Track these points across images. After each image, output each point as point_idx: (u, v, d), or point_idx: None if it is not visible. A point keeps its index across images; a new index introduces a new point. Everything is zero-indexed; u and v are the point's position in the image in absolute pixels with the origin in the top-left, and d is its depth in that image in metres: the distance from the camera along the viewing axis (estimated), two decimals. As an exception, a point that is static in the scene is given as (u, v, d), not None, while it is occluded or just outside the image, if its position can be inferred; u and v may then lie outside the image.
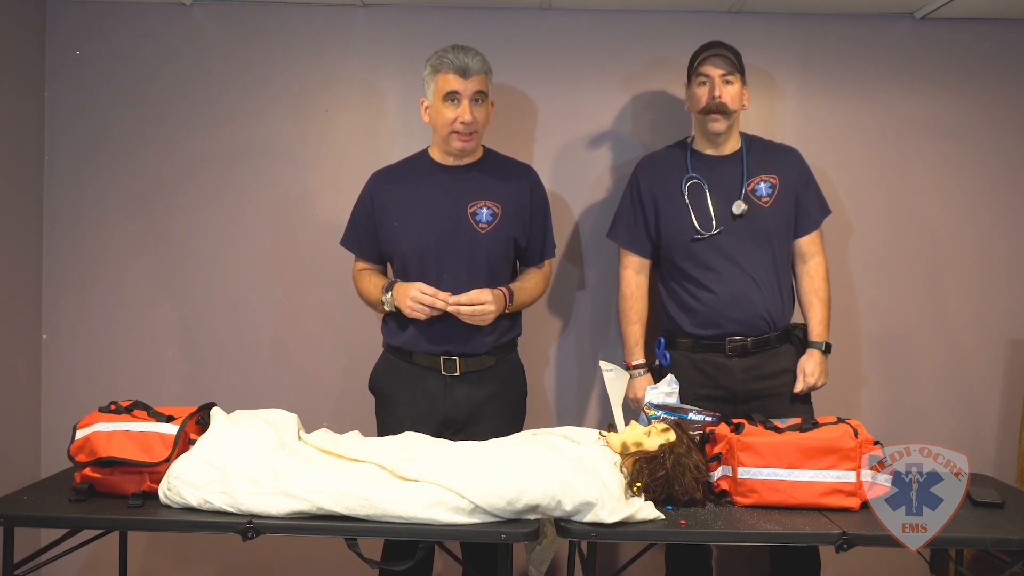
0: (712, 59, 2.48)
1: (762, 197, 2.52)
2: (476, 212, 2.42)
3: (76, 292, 2.97)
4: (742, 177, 2.53)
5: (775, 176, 2.54)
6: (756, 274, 2.49)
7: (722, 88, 2.47)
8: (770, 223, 2.51)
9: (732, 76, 2.48)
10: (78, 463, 2.01)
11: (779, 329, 2.53)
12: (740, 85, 2.51)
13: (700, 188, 2.54)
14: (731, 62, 2.48)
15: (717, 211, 2.52)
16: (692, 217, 2.52)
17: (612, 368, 2.41)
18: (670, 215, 2.55)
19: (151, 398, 2.23)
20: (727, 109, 2.48)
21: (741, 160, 2.55)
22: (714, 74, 2.48)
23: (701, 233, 2.51)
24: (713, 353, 2.51)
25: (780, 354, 2.54)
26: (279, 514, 1.87)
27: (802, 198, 2.57)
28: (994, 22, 2.94)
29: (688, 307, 2.54)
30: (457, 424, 2.42)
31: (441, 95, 2.36)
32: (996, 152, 2.98)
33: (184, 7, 2.93)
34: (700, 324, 2.52)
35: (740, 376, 2.50)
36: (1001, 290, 3.00)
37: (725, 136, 2.54)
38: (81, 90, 2.94)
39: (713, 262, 2.50)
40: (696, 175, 2.55)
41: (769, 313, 2.50)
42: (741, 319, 2.49)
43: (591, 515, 1.86)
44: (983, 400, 3.01)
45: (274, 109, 2.96)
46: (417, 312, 2.34)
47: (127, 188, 2.96)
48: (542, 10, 2.96)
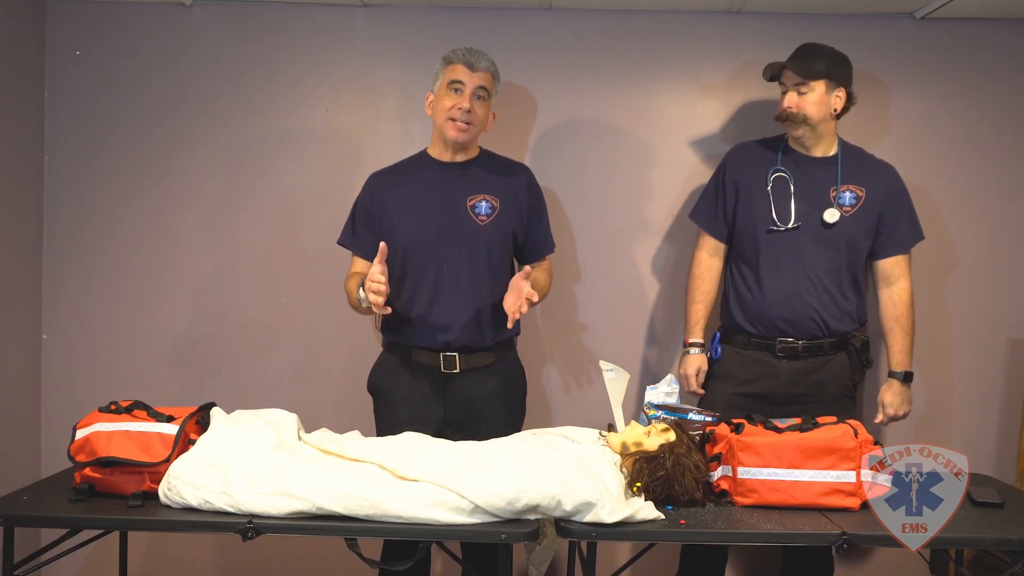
0: (789, 66, 2.49)
1: (844, 206, 2.52)
2: (476, 205, 2.44)
3: (76, 292, 2.98)
4: (835, 181, 2.53)
5: (863, 188, 2.53)
6: (816, 277, 2.49)
7: (795, 98, 2.49)
8: (846, 232, 2.50)
9: (807, 85, 2.47)
10: (78, 463, 2.01)
11: (835, 336, 2.51)
12: (823, 91, 2.48)
13: (786, 183, 2.54)
14: (807, 69, 2.46)
15: (798, 209, 2.52)
16: (771, 208, 2.53)
17: (612, 368, 2.41)
18: (750, 203, 2.56)
19: (151, 398, 2.23)
20: (796, 119, 2.49)
21: (836, 165, 2.55)
22: (788, 83, 2.51)
23: (777, 226, 2.51)
24: (763, 352, 2.51)
25: (832, 363, 2.52)
26: (279, 514, 1.87)
27: (890, 217, 2.55)
28: (994, 22, 2.94)
29: (743, 299, 2.56)
30: (456, 423, 2.43)
31: (446, 83, 2.42)
32: (996, 152, 2.98)
33: (184, 7, 2.93)
34: (750, 318, 2.53)
35: (785, 379, 2.50)
36: (1001, 290, 3.00)
37: (811, 140, 2.54)
38: (81, 90, 2.95)
39: (777, 258, 2.51)
40: (784, 169, 2.55)
41: (821, 317, 2.48)
42: (790, 319, 2.49)
43: (591, 515, 1.86)
44: (983, 400, 3.01)
45: (274, 109, 2.96)
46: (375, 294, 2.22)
47: (127, 187, 2.96)
48: (542, 10, 2.96)
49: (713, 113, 2.97)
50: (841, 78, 2.51)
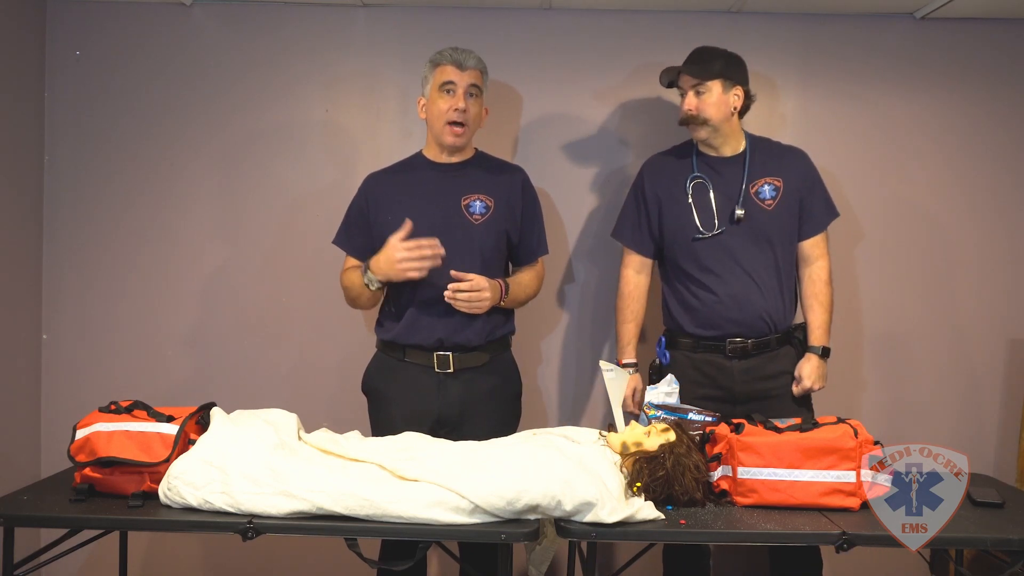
0: (684, 70, 2.50)
1: (765, 200, 2.52)
2: (470, 204, 2.44)
3: (76, 292, 2.97)
4: (744, 179, 2.53)
5: (779, 179, 2.54)
6: (757, 276, 2.49)
7: (693, 100, 2.48)
8: (772, 226, 2.51)
9: (704, 86, 2.47)
10: (78, 463, 2.01)
11: (780, 331, 2.53)
12: (719, 91, 2.48)
13: (704, 188, 2.54)
14: (702, 70, 2.47)
15: (720, 212, 2.52)
16: (695, 216, 2.52)
17: (612, 368, 2.41)
18: (673, 214, 2.56)
19: (151, 398, 2.23)
20: (697, 120, 2.49)
21: (744, 161, 2.56)
22: (685, 86, 2.51)
23: (703, 233, 2.51)
24: (713, 354, 2.51)
25: (780, 356, 2.54)
26: (279, 514, 1.87)
27: (807, 201, 2.56)
28: (994, 22, 2.94)
29: (689, 307, 2.54)
30: (451, 422, 2.42)
31: (437, 85, 2.42)
32: (996, 152, 2.98)
33: (184, 7, 2.93)
34: (700, 324, 2.52)
35: (739, 377, 2.50)
36: (1001, 290, 3.00)
37: (718, 140, 2.54)
38: (81, 90, 2.94)
39: (714, 263, 2.50)
40: (701, 175, 2.55)
41: (770, 315, 2.50)
42: (741, 320, 2.49)
43: (591, 515, 1.86)
44: (983, 400, 3.01)
45: (274, 109, 2.96)
46: (410, 267, 2.30)
47: (127, 188, 2.96)
48: (542, 10, 2.96)
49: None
50: (737, 77, 2.52)
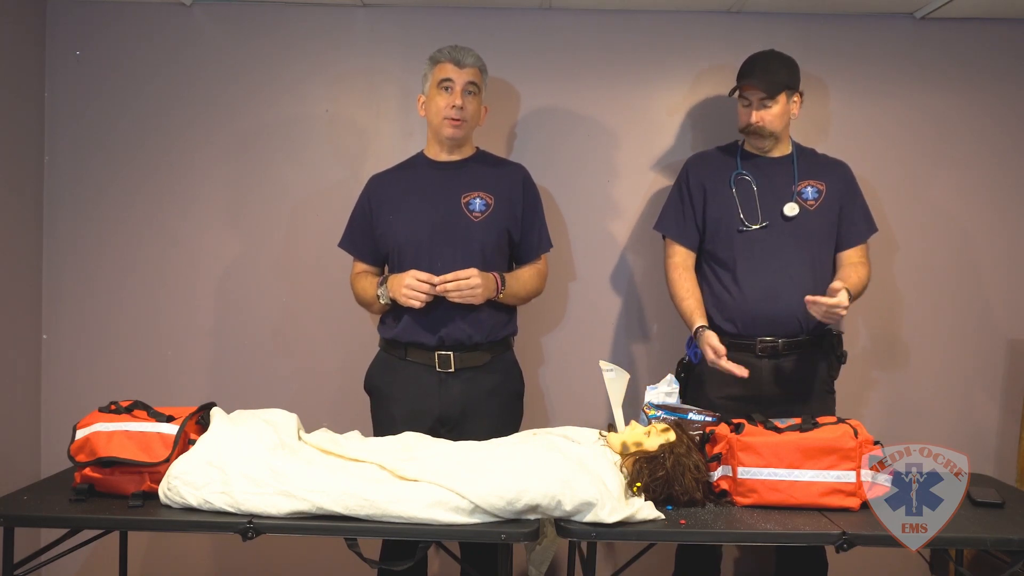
0: (753, 83, 2.50)
1: (808, 200, 2.54)
2: (470, 202, 2.45)
3: (76, 292, 2.97)
4: (793, 179, 2.55)
5: (823, 183, 2.56)
6: (794, 273, 2.49)
7: (760, 113, 2.50)
8: (813, 226, 2.52)
9: (772, 100, 2.49)
10: (78, 463, 2.01)
11: (811, 334, 2.51)
12: (784, 102, 2.51)
13: (748, 184, 2.56)
14: (771, 85, 2.48)
15: (764, 208, 2.53)
16: (739, 209, 2.53)
17: (612, 368, 2.40)
18: (717, 205, 2.57)
19: (151, 398, 2.23)
20: (764, 132, 2.52)
21: (792, 163, 2.58)
22: (753, 98, 2.52)
23: (746, 225, 2.52)
24: (743, 353, 2.49)
25: (811, 359, 2.52)
26: (279, 514, 1.87)
27: (848, 210, 2.58)
28: (994, 22, 2.94)
29: (720, 300, 2.55)
30: (452, 422, 2.43)
31: (436, 83, 2.45)
32: (995, 152, 2.98)
33: (184, 7, 2.93)
34: (729, 318, 2.52)
35: (768, 378, 2.50)
36: (1001, 290, 3.00)
37: (771, 145, 2.57)
38: (81, 90, 2.94)
39: (752, 257, 2.51)
40: (745, 172, 2.57)
41: (804, 314, 2.47)
42: (771, 316, 2.48)
43: (591, 515, 1.86)
44: (983, 400, 3.01)
45: (274, 109, 2.96)
46: (412, 299, 2.34)
47: (127, 188, 2.96)
48: (542, 10, 2.96)
49: (715, 112, 2.96)
50: (796, 83, 2.54)
